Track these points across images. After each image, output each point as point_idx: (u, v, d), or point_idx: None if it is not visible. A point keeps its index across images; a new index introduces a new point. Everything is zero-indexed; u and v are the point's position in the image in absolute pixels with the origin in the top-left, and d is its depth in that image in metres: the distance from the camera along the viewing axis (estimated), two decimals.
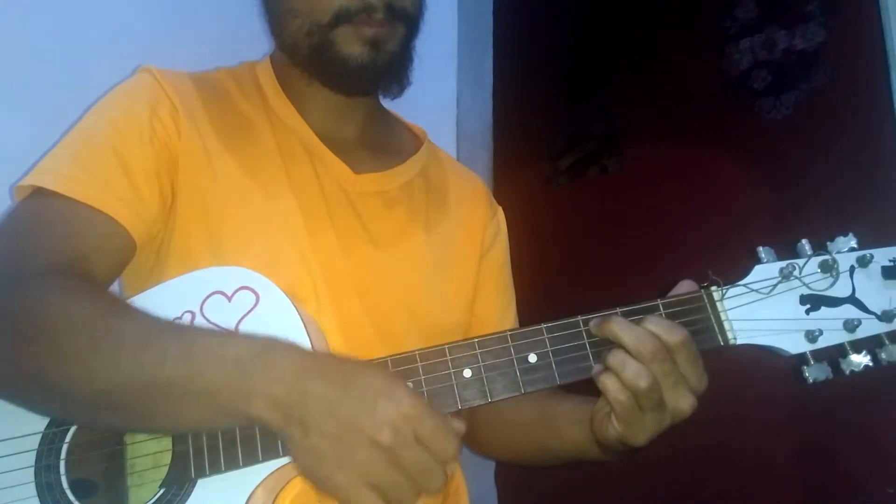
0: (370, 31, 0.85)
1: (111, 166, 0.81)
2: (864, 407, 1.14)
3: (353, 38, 0.85)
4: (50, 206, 0.78)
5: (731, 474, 1.33)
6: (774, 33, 1.39)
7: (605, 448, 0.79)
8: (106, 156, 0.81)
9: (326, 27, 0.85)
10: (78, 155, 0.82)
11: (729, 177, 1.42)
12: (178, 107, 0.86)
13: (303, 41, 0.88)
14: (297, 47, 0.89)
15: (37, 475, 0.71)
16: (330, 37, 0.86)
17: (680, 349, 0.69)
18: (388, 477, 0.61)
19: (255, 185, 0.86)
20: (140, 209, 0.81)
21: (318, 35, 0.86)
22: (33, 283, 0.70)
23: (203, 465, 0.69)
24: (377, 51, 0.86)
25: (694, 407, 0.71)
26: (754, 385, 1.18)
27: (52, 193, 0.78)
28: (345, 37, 0.85)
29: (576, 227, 1.69)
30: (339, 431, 0.62)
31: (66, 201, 0.78)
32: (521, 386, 0.71)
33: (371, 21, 0.85)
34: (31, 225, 0.79)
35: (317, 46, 0.87)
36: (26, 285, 0.70)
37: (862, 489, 1.18)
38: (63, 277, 0.72)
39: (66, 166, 0.81)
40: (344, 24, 0.85)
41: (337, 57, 0.86)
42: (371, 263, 0.89)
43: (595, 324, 0.72)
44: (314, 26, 0.86)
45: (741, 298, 0.74)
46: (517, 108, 1.86)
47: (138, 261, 0.84)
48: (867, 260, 0.73)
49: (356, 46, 0.85)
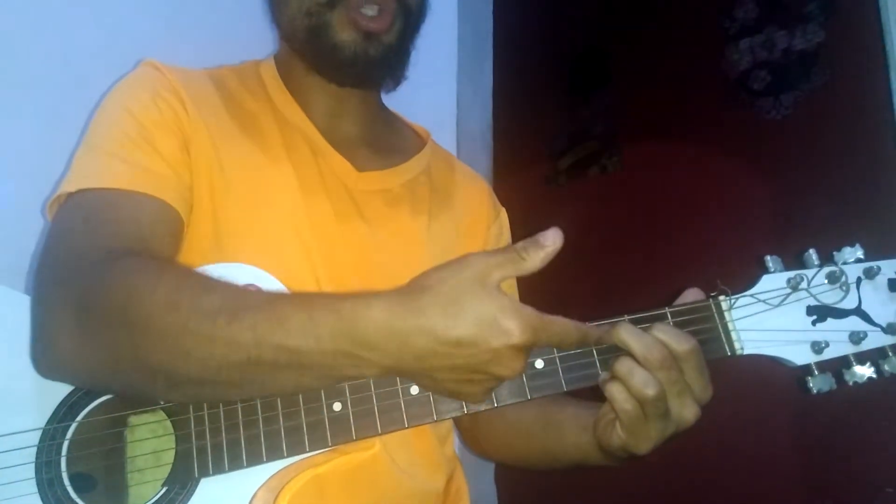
0: (370, 24, 0.86)
1: (142, 151, 0.80)
2: (864, 407, 1.14)
3: (348, 25, 0.86)
4: (99, 199, 0.77)
5: (731, 473, 1.33)
6: (774, 34, 1.39)
7: (608, 454, 0.78)
8: (134, 142, 0.81)
9: (325, 7, 0.86)
10: (108, 150, 0.81)
11: (728, 176, 1.42)
12: (183, 96, 0.86)
13: (301, 22, 0.88)
14: (295, 30, 0.90)
15: (38, 471, 0.71)
16: (326, 18, 0.86)
17: (688, 358, 0.68)
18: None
19: (262, 177, 0.86)
20: (182, 189, 0.81)
21: (315, 16, 0.87)
22: (109, 267, 0.69)
23: (206, 465, 0.69)
24: (370, 42, 0.86)
25: (698, 416, 0.70)
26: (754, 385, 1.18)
27: (91, 191, 0.77)
28: (340, 21, 0.86)
29: (576, 227, 1.68)
30: (465, 375, 0.64)
31: (115, 192, 0.77)
32: (527, 392, 0.70)
33: (370, 9, 0.85)
34: (87, 219, 0.76)
35: (314, 28, 0.87)
36: (101, 270, 0.69)
37: (862, 489, 1.18)
38: (134, 258, 0.71)
39: (102, 163, 0.80)
40: (340, 6, 0.85)
41: (330, 42, 0.87)
42: (374, 260, 0.89)
43: (603, 330, 0.72)
44: (313, 5, 0.87)
45: (749, 308, 0.73)
46: (517, 108, 1.86)
47: None
48: (874, 272, 0.73)
49: (350, 34, 0.86)
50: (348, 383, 0.70)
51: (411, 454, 0.86)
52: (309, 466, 0.74)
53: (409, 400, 0.70)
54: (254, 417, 0.69)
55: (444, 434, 0.96)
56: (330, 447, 0.70)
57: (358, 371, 0.66)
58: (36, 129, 1.14)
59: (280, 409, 0.69)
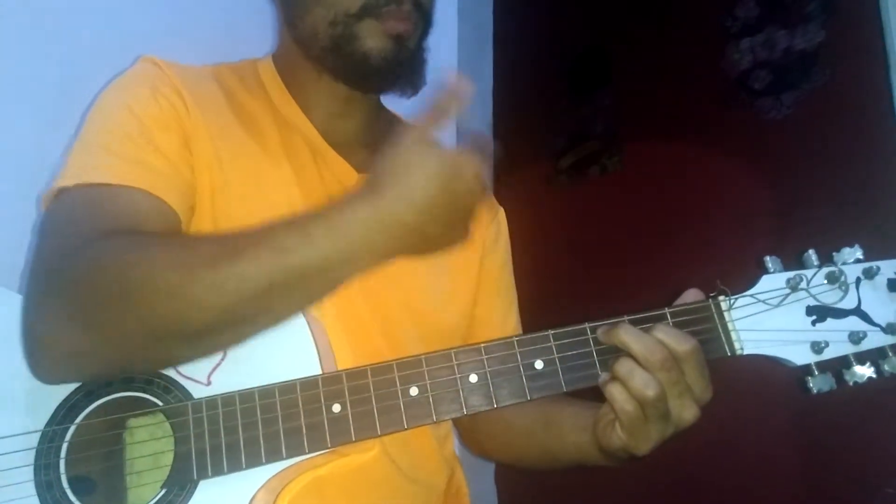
0: (398, 26, 0.85)
1: (140, 147, 0.79)
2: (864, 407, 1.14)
3: (378, 32, 0.85)
4: (92, 194, 0.76)
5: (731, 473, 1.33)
6: (775, 33, 1.39)
7: (608, 454, 0.78)
8: (132, 137, 0.79)
9: (353, 17, 0.85)
10: (105, 145, 0.79)
11: (728, 176, 1.42)
12: (183, 92, 0.85)
13: (325, 31, 0.86)
14: (317, 38, 0.88)
15: (36, 473, 0.71)
16: (354, 29, 0.85)
17: (688, 358, 0.68)
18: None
19: (262, 178, 0.86)
20: (182, 186, 0.80)
21: (342, 26, 0.85)
22: (86, 253, 0.68)
23: (205, 467, 0.69)
24: (399, 47, 0.86)
25: (697, 417, 0.70)
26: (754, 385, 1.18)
27: (85, 186, 0.76)
28: (369, 30, 0.85)
29: (576, 227, 1.69)
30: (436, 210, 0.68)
31: (109, 188, 0.76)
32: (527, 392, 0.71)
33: (400, 13, 0.84)
34: (79, 213, 0.75)
35: (339, 38, 0.86)
36: (80, 258, 0.68)
37: (862, 489, 1.18)
38: (114, 237, 0.70)
39: (95, 158, 0.79)
40: (370, 17, 0.84)
41: (359, 51, 0.85)
42: None
43: (603, 331, 0.71)
44: (340, 16, 0.85)
45: (749, 308, 0.73)
46: (517, 108, 1.86)
47: None
48: (873, 272, 0.73)
49: (380, 41, 0.85)
50: (347, 385, 0.70)
51: (411, 455, 0.86)
52: (309, 468, 0.74)
53: (409, 401, 0.70)
54: (253, 419, 0.69)
55: (444, 434, 0.96)
56: (329, 448, 0.70)
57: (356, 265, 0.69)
58: (33, 128, 1.13)
59: (279, 410, 0.69)
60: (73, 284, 0.67)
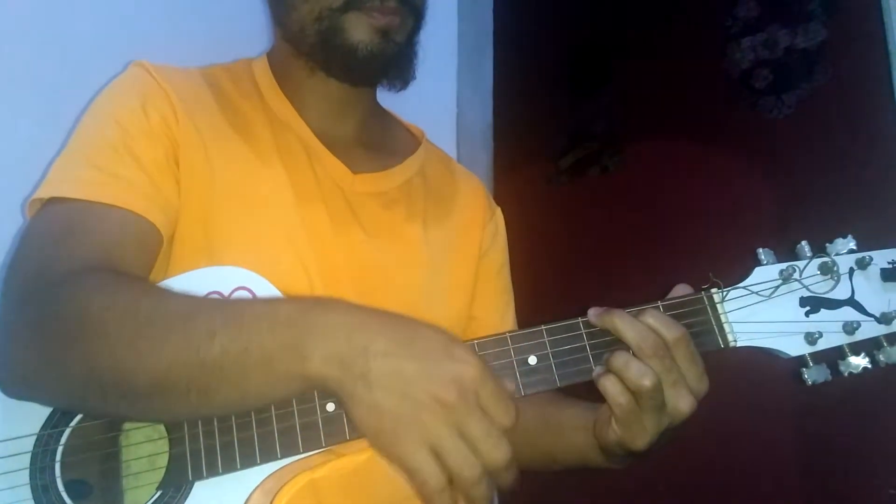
0: (382, 19, 0.85)
1: (125, 163, 0.79)
2: (864, 407, 1.14)
3: (363, 25, 0.85)
4: (70, 211, 0.77)
5: (730, 473, 1.33)
6: (776, 32, 1.39)
7: (608, 454, 0.78)
8: (117, 153, 0.80)
9: (337, 11, 0.85)
10: (88, 157, 0.80)
11: (730, 176, 1.42)
12: (172, 98, 0.85)
13: (311, 26, 0.87)
14: (304, 34, 0.88)
15: (32, 477, 0.70)
16: (339, 22, 0.85)
17: (678, 345, 0.68)
18: (451, 441, 0.58)
19: (254, 181, 0.86)
20: (162, 201, 0.80)
21: (328, 20, 0.85)
22: (68, 284, 0.69)
23: (200, 468, 0.68)
24: (386, 40, 0.86)
25: (693, 408, 0.70)
26: (753, 385, 1.18)
27: (70, 200, 0.77)
28: (354, 23, 0.85)
29: (576, 227, 1.69)
30: (405, 388, 0.59)
31: (87, 205, 0.76)
32: (520, 388, 0.70)
33: (383, 9, 0.85)
34: (55, 233, 0.76)
35: (325, 32, 0.86)
36: (60, 288, 0.69)
37: (862, 489, 1.18)
38: (96, 273, 0.70)
39: (80, 171, 0.79)
40: (354, 10, 0.84)
41: (345, 44, 0.86)
42: (369, 263, 0.88)
43: (596, 313, 0.71)
44: (325, 10, 0.85)
45: (741, 300, 0.73)
46: (517, 108, 1.86)
47: None
48: (866, 262, 0.73)
49: (366, 34, 0.85)
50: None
51: None
52: (305, 469, 0.73)
53: None
54: (247, 419, 0.69)
55: None
56: (324, 448, 0.69)
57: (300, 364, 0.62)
58: (30, 129, 1.13)
59: (273, 410, 0.69)
60: (40, 321, 0.68)
